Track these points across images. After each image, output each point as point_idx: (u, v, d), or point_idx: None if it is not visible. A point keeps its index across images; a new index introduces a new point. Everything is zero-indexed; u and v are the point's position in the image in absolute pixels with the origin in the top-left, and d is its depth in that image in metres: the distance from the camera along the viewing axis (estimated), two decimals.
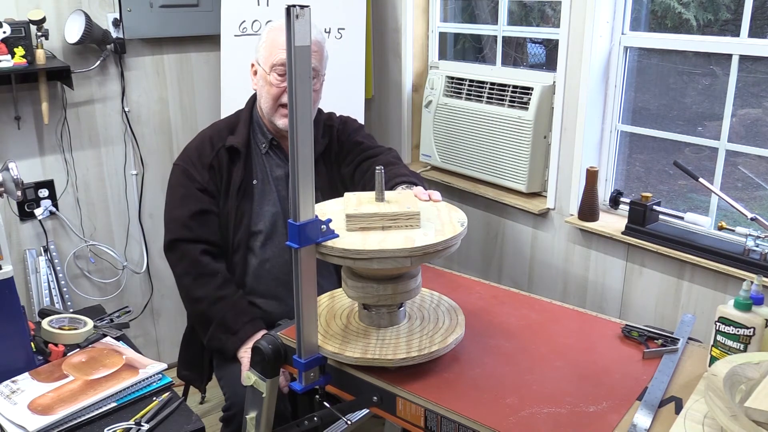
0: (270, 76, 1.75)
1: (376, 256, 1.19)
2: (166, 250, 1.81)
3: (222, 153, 1.80)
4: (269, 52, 1.76)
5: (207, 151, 1.80)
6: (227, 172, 1.80)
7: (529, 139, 2.35)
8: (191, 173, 1.79)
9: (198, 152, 1.81)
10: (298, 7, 1.07)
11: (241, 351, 1.72)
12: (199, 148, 1.82)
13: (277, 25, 1.79)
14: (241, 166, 1.80)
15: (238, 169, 1.80)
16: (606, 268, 2.25)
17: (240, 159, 1.81)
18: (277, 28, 1.78)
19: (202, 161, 1.79)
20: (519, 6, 2.59)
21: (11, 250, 2.39)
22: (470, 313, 1.49)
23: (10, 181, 1.34)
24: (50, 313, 1.62)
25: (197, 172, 1.79)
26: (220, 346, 1.76)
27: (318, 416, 1.36)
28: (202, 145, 1.82)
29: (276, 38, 1.76)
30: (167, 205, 1.84)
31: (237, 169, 1.80)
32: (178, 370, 1.97)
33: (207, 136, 1.84)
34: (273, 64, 1.74)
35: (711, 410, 1.04)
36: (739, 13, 1.86)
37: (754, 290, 1.22)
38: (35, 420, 1.25)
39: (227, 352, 1.75)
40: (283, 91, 1.75)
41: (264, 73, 1.77)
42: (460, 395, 1.22)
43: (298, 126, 1.13)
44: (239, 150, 1.80)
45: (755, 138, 1.92)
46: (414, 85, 2.89)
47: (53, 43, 2.33)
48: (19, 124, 2.36)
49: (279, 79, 1.75)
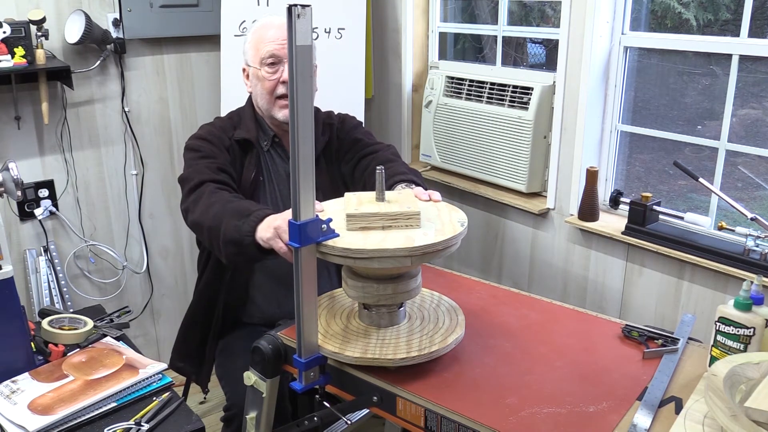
0: (261, 71, 1.75)
1: (376, 255, 1.19)
2: (190, 190, 1.63)
3: (234, 145, 1.79)
4: (256, 49, 1.76)
5: (223, 137, 1.77)
6: (240, 165, 1.79)
7: (529, 139, 2.35)
8: (213, 144, 1.72)
9: (216, 135, 1.75)
10: (300, 7, 1.08)
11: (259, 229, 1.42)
12: (216, 133, 1.76)
13: (261, 23, 1.79)
14: (253, 160, 1.79)
15: (250, 163, 1.79)
16: (606, 268, 2.25)
17: (252, 153, 1.79)
18: (261, 26, 1.78)
19: (222, 142, 1.75)
20: (519, 6, 2.59)
21: (11, 250, 2.39)
22: (470, 313, 1.49)
23: (10, 181, 1.34)
24: (50, 313, 1.62)
25: (218, 149, 1.72)
26: (236, 235, 1.45)
27: (318, 416, 1.36)
28: (218, 132, 1.77)
29: (262, 34, 1.76)
30: (186, 167, 1.70)
31: (249, 163, 1.79)
32: (171, 360, 1.94)
33: (217, 126, 1.80)
34: (261, 58, 1.74)
35: (711, 410, 1.04)
36: (739, 13, 1.86)
37: (754, 290, 1.22)
38: (35, 420, 1.25)
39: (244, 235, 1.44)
40: (276, 83, 1.75)
41: (255, 71, 1.77)
42: (460, 395, 1.22)
43: (299, 124, 1.13)
44: (252, 143, 1.79)
45: (755, 138, 1.92)
46: (414, 85, 2.89)
47: (53, 43, 2.33)
48: (19, 124, 2.36)
49: (270, 71, 1.74)
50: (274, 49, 1.73)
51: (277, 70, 1.74)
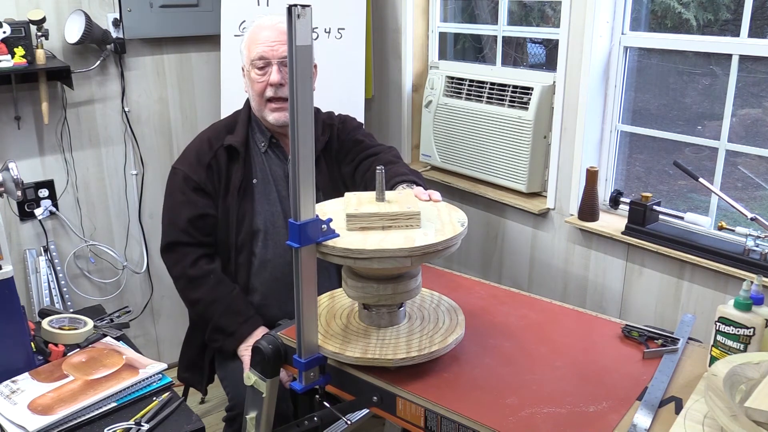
0: (251, 72, 1.76)
1: (376, 255, 1.19)
2: (163, 251, 1.83)
3: (220, 153, 1.80)
4: (248, 50, 1.77)
5: (205, 152, 1.81)
6: (226, 172, 1.80)
7: (529, 139, 2.35)
8: (189, 176, 1.79)
9: (196, 154, 1.81)
10: (300, 7, 1.08)
11: (240, 350, 1.73)
12: (198, 150, 1.82)
13: (256, 23, 1.80)
14: (240, 165, 1.80)
15: (238, 168, 1.80)
16: (606, 268, 2.25)
17: (239, 158, 1.80)
18: (256, 27, 1.79)
19: (200, 162, 1.79)
20: (519, 6, 2.59)
21: (11, 250, 2.39)
22: (470, 313, 1.49)
23: (10, 181, 1.34)
24: (50, 313, 1.62)
25: (195, 173, 1.79)
26: (219, 347, 1.79)
27: (318, 416, 1.36)
28: (201, 146, 1.82)
29: (254, 35, 1.76)
30: (165, 208, 1.85)
31: (236, 168, 1.80)
32: (178, 372, 1.98)
33: (205, 138, 1.84)
34: (252, 60, 1.75)
35: (711, 410, 1.04)
36: (739, 13, 1.86)
37: (754, 290, 1.21)
38: (35, 420, 1.25)
39: (227, 352, 1.78)
40: (265, 86, 1.75)
41: (248, 72, 1.78)
42: (460, 395, 1.22)
43: (299, 125, 1.13)
44: (238, 149, 1.80)
45: (755, 138, 1.92)
46: (414, 85, 2.89)
47: (53, 43, 2.33)
48: (19, 124, 2.36)
49: (259, 73, 1.75)
50: (263, 51, 1.73)
51: (266, 72, 1.74)
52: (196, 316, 1.86)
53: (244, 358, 1.71)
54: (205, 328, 1.80)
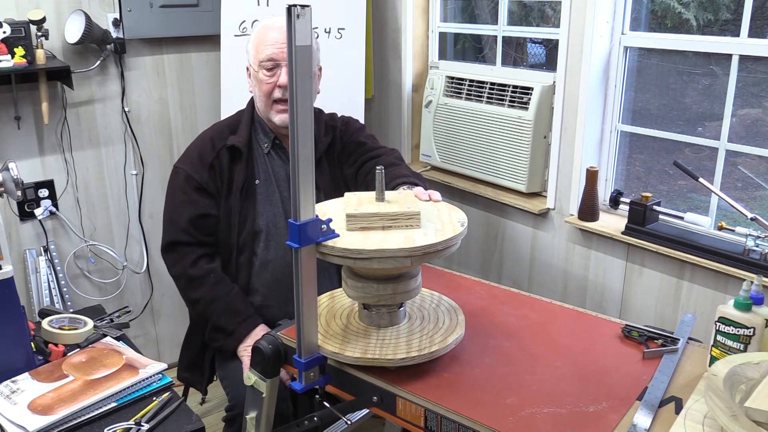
0: (259, 73, 1.76)
1: (376, 255, 1.19)
2: (164, 250, 1.83)
3: (223, 153, 1.80)
4: (256, 51, 1.76)
5: (208, 151, 1.80)
6: (228, 172, 1.80)
7: (529, 139, 2.35)
8: (191, 176, 1.79)
9: (199, 153, 1.81)
10: (299, 7, 1.07)
11: (239, 350, 1.74)
12: (200, 149, 1.82)
13: (264, 24, 1.80)
14: (243, 165, 1.80)
15: (240, 168, 1.80)
16: (606, 268, 2.25)
17: (242, 158, 1.80)
18: (263, 27, 1.78)
19: (202, 161, 1.79)
20: (519, 6, 2.59)
21: (11, 250, 2.39)
22: (470, 313, 1.49)
23: (10, 181, 1.34)
24: (50, 313, 1.62)
25: (197, 173, 1.79)
26: (219, 347, 1.80)
27: (318, 416, 1.36)
28: (203, 146, 1.82)
29: (262, 36, 1.76)
30: (167, 207, 1.85)
31: (239, 168, 1.80)
32: (178, 372, 1.98)
33: (208, 137, 1.84)
34: (260, 61, 1.75)
35: (711, 410, 1.04)
36: (739, 13, 1.86)
37: (754, 290, 1.21)
38: (35, 420, 1.25)
39: (226, 352, 1.78)
40: (273, 87, 1.75)
41: (255, 72, 1.78)
42: (460, 395, 1.22)
43: (299, 125, 1.13)
44: (240, 150, 1.80)
45: (755, 138, 1.92)
46: (414, 85, 2.89)
47: (53, 43, 2.34)
48: (19, 124, 2.36)
49: (267, 75, 1.75)
50: (273, 52, 1.73)
51: (275, 73, 1.74)
52: (196, 316, 1.87)
53: (243, 358, 1.71)
54: (205, 328, 1.80)
